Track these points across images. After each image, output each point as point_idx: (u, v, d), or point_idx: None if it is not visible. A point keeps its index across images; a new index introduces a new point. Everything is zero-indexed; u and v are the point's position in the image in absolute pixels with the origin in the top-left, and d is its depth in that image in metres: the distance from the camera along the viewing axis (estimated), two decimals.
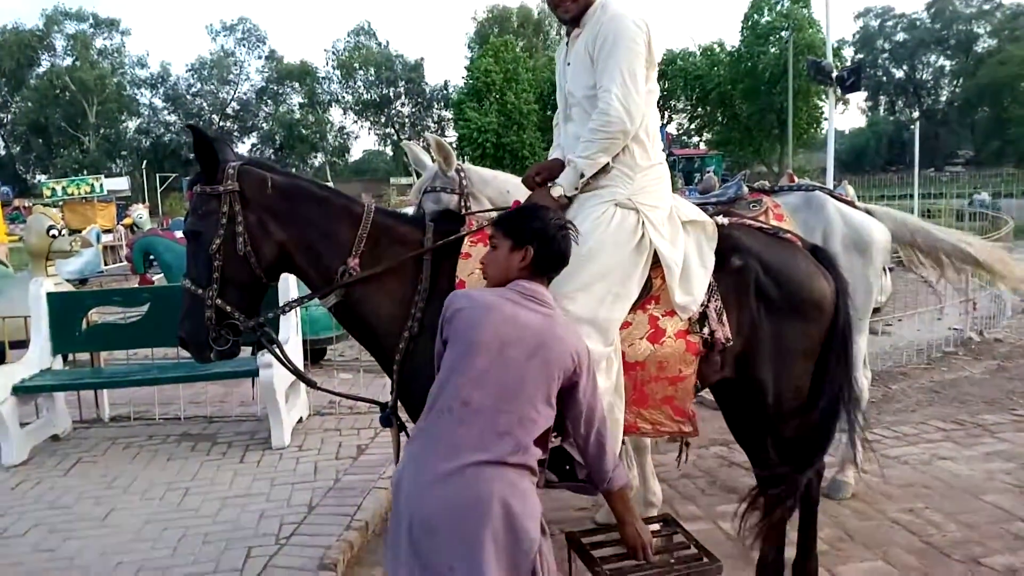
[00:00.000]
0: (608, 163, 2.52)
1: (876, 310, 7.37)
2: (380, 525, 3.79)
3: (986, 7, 55.67)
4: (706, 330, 2.51)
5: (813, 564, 2.95)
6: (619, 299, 2.43)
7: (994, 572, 3.24)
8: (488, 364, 1.96)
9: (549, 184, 2.55)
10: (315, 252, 2.48)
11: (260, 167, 2.51)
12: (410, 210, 4.12)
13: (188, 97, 59.02)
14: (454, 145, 42.93)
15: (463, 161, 3.67)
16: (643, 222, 2.49)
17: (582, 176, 2.50)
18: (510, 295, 2.07)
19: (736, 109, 42.40)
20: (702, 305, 2.51)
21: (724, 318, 2.53)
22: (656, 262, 2.52)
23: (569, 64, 2.66)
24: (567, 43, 2.72)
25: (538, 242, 2.11)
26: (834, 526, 3.69)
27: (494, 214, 2.89)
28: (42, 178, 46.81)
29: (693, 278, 2.51)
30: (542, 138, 42.23)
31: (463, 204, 3.30)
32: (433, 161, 3.47)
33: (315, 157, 60.74)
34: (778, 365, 2.61)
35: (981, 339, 7.61)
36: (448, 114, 56.28)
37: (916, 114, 57.30)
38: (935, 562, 3.33)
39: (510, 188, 3.39)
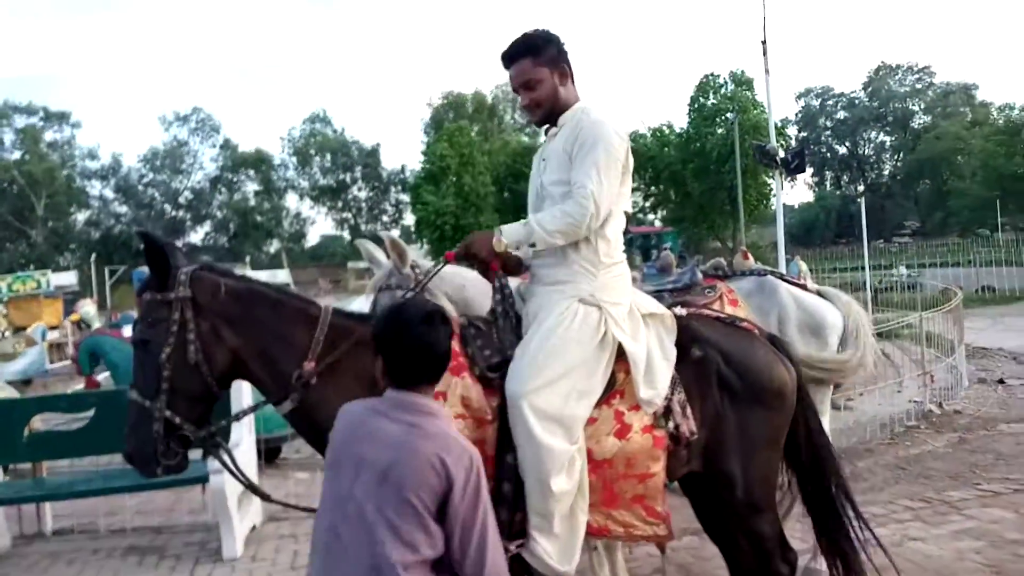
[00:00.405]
0: (572, 258, 2.55)
1: (837, 385, 7.43)
2: None
3: (918, 86, 58.92)
4: (671, 424, 2.48)
5: None
6: (583, 396, 2.41)
7: None
8: (348, 490, 1.81)
9: (495, 230, 2.56)
10: (270, 357, 2.42)
11: (213, 272, 2.46)
12: (364, 303, 4.07)
13: (140, 188, 58.54)
14: (412, 229, 43.48)
15: (421, 244, 3.66)
16: (605, 319, 2.49)
17: (531, 244, 2.51)
18: (381, 406, 1.93)
19: (688, 187, 43.47)
20: (666, 399, 2.49)
21: (688, 411, 2.51)
22: (619, 356, 2.50)
23: (545, 160, 2.72)
24: (544, 142, 2.78)
25: (386, 351, 1.95)
26: None
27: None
28: None
29: (656, 371, 2.51)
30: (500, 220, 42.78)
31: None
32: (388, 258, 3.44)
33: (271, 244, 60.55)
34: (745, 456, 2.58)
35: (941, 411, 7.70)
36: (405, 197, 56.78)
37: (861, 188, 59.57)
38: None
39: (466, 283, 3.36)
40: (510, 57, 2.66)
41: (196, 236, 60.59)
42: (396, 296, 3.28)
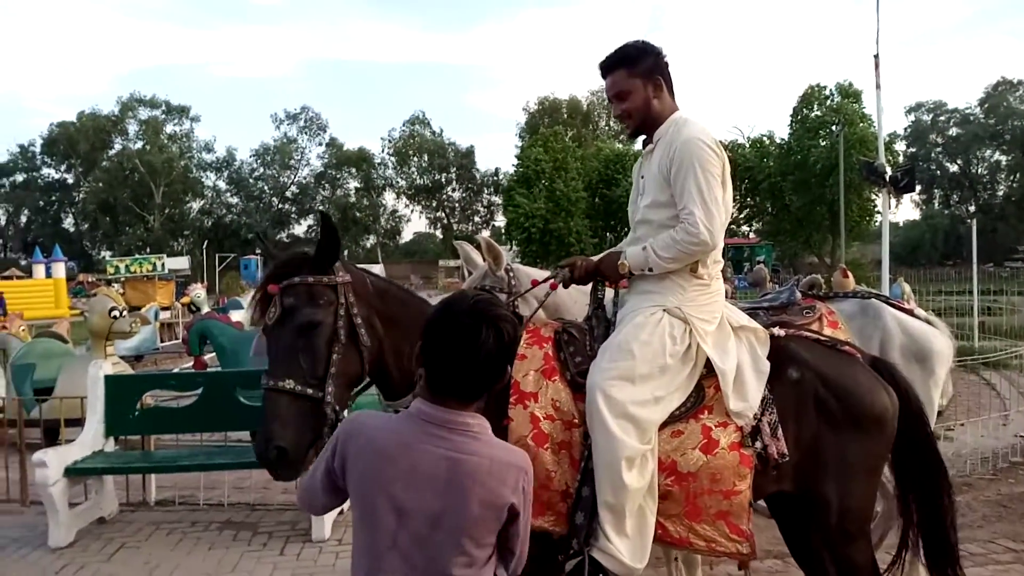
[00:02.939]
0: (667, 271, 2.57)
1: (939, 413, 7.09)
2: None
3: None
4: (759, 444, 2.46)
5: None
6: (660, 403, 2.44)
7: None
8: (391, 539, 1.60)
9: (622, 254, 2.61)
10: (401, 354, 2.42)
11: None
12: None
13: (250, 180, 61.43)
14: (502, 230, 43.81)
15: (511, 246, 3.73)
16: (691, 332, 2.51)
17: (649, 269, 2.55)
18: (413, 428, 1.63)
19: (786, 200, 42.26)
20: (755, 418, 2.48)
21: (779, 432, 2.49)
22: (709, 372, 2.51)
23: (643, 178, 2.74)
24: (641, 157, 2.80)
25: (427, 356, 1.67)
26: None
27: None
28: (107, 255, 48.87)
29: (747, 385, 2.51)
30: (589, 225, 42.66)
31: (511, 303, 3.32)
32: (483, 260, 3.52)
33: (367, 239, 62.30)
34: (841, 482, 2.54)
35: None
36: (497, 199, 57.51)
37: (972, 208, 56.51)
38: None
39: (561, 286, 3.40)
40: (606, 67, 2.68)
41: (299, 228, 63.07)
42: None
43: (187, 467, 5.37)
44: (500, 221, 50.15)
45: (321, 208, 60.98)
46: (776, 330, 2.71)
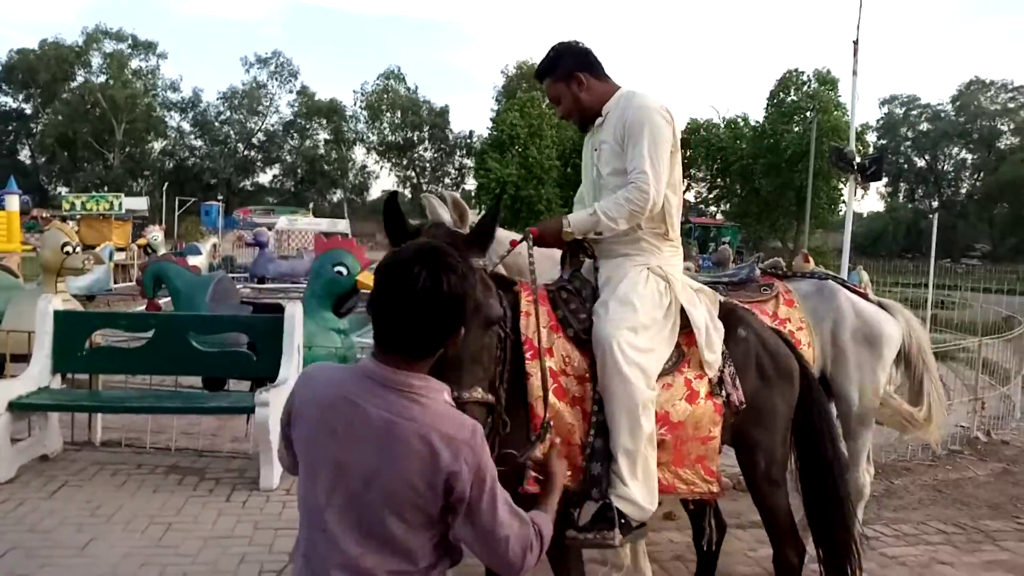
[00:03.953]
0: (639, 234, 2.75)
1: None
2: None
3: (1011, 105, 56.32)
4: (724, 392, 2.74)
5: None
6: (652, 352, 2.62)
7: None
8: (328, 495, 1.54)
9: (564, 220, 2.75)
10: None
11: None
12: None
13: (216, 124, 59.89)
14: (472, 194, 43.54)
15: (479, 211, 3.69)
16: (671, 287, 2.73)
17: (598, 232, 2.70)
18: (356, 383, 1.56)
19: (756, 183, 42.68)
20: (719, 369, 2.74)
21: (737, 383, 2.77)
22: (684, 329, 2.73)
23: (597, 150, 2.88)
24: (592, 131, 2.93)
25: (372, 305, 1.55)
26: None
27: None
28: (64, 191, 47.43)
29: (713, 338, 2.75)
30: (560, 194, 42.64)
31: (489, 266, 3.29)
32: (449, 217, 3.46)
33: (334, 193, 61.47)
34: (770, 431, 2.88)
35: (988, 440, 7.48)
36: (469, 162, 56.99)
37: (935, 204, 57.57)
38: None
39: (520, 249, 3.38)
40: (538, 78, 2.96)
41: (264, 177, 62.03)
42: None
43: (135, 409, 5.32)
44: (471, 184, 49.74)
45: (288, 158, 59.98)
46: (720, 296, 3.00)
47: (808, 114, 39.44)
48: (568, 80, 2.82)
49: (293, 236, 25.23)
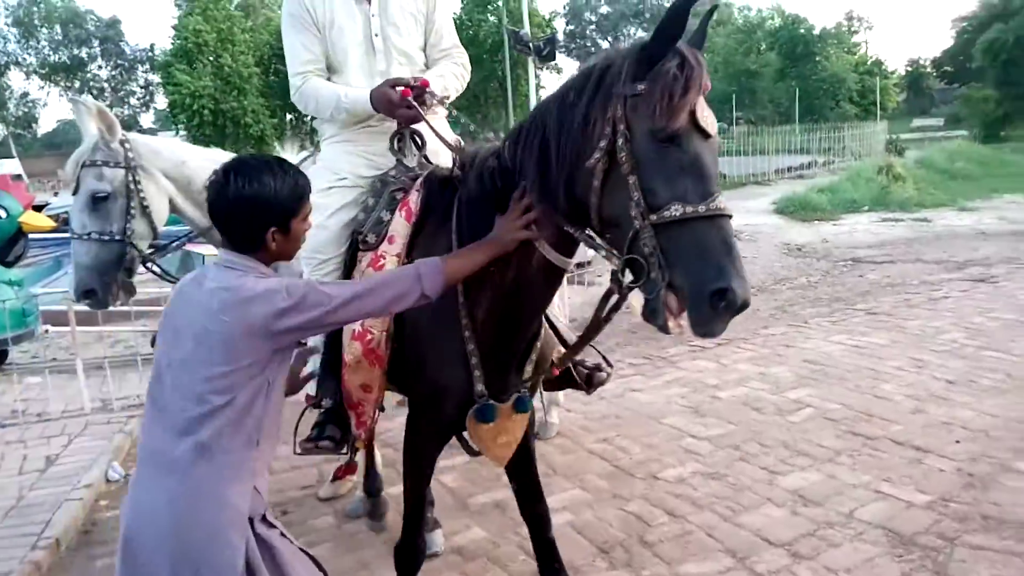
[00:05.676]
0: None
1: (585, 264, 8.04)
2: (76, 539, 3.52)
3: None
4: None
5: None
6: None
7: (667, 483, 3.72)
8: (168, 358, 1.81)
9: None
10: None
11: None
12: (66, 193, 3.65)
13: None
14: (167, 112, 39.45)
15: (177, 131, 3.33)
16: None
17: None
18: (211, 269, 1.86)
19: None
20: None
21: None
22: None
23: (376, 16, 2.71)
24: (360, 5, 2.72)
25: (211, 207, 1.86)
26: (541, 463, 3.95)
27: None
28: None
29: None
30: (266, 104, 40.13)
31: (131, 179, 3.03)
32: (96, 129, 3.11)
33: None
34: None
35: None
36: (156, 78, 51.31)
37: None
38: (622, 483, 3.75)
39: (185, 158, 3.17)
40: None
41: None
42: (103, 174, 3.01)
43: None
44: (162, 103, 45.02)
45: None
46: None
47: (499, 3, 40.43)
48: None
49: None
